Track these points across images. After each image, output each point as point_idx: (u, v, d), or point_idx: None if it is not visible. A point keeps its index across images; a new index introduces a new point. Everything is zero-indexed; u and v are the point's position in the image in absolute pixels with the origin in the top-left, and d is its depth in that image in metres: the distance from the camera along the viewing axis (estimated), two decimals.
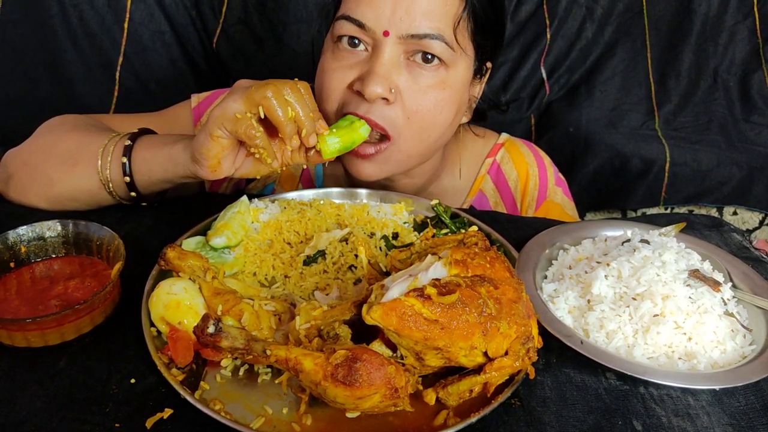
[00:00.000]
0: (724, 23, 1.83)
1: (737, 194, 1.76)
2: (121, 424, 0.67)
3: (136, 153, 0.98)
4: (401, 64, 1.01)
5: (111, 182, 1.00)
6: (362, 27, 0.99)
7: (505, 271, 0.74)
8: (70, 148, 1.04)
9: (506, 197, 1.33)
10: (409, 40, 0.98)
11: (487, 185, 1.33)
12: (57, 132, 1.10)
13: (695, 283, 0.85)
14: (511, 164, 1.33)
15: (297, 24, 1.82)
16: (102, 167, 0.99)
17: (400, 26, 0.97)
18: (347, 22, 1.00)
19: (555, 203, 1.34)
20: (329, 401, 0.65)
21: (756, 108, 1.82)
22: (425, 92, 1.02)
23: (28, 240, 0.87)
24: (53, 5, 1.68)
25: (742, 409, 0.74)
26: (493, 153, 1.34)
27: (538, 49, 1.86)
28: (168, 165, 0.95)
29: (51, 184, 1.03)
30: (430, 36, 0.98)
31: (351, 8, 0.99)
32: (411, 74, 1.01)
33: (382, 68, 0.98)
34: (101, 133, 1.05)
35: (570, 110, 1.85)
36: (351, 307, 0.74)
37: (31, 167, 1.05)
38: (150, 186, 1.00)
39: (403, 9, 0.96)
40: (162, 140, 0.99)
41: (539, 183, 1.33)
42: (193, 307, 0.77)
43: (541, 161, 1.36)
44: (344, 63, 1.03)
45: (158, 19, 1.77)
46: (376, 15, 0.97)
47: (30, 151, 1.08)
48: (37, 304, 0.80)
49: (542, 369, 0.78)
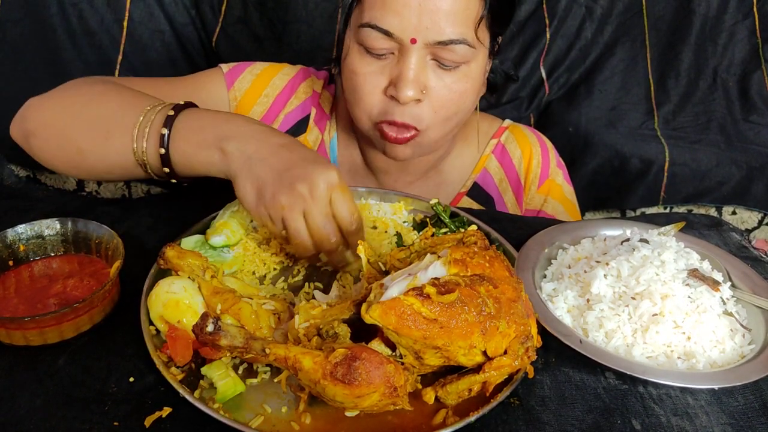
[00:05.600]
0: (723, 23, 1.82)
1: (736, 194, 1.76)
2: (119, 422, 0.67)
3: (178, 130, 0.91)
4: (428, 65, 1.04)
5: (147, 161, 0.93)
6: (389, 35, 1.00)
7: (504, 270, 0.74)
8: (102, 116, 0.97)
9: (511, 175, 1.36)
10: (435, 45, 1.01)
11: (492, 163, 1.36)
12: (86, 92, 1.03)
13: (694, 282, 0.85)
14: (515, 144, 1.37)
15: (297, 23, 1.81)
16: (138, 143, 0.92)
17: (427, 34, 0.99)
18: (374, 31, 1.01)
19: (557, 183, 1.37)
20: (328, 400, 0.65)
21: (755, 108, 1.81)
22: (450, 88, 1.06)
23: (26, 238, 0.87)
24: (52, 4, 1.67)
25: (741, 408, 0.74)
26: (497, 135, 1.38)
27: (537, 48, 1.86)
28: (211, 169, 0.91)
29: (82, 155, 0.98)
30: (454, 42, 1.00)
31: (377, 17, 1.00)
32: (437, 73, 1.05)
33: (412, 73, 1.01)
34: (138, 101, 0.98)
35: (569, 110, 1.85)
36: (350, 306, 0.74)
37: (57, 130, 1.00)
38: (188, 173, 0.95)
39: (428, 17, 0.98)
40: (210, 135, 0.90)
41: (542, 162, 1.37)
42: (192, 306, 0.77)
43: (544, 143, 1.40)
44: (373, 67, 1.05)
45: (158, 17, 1.77)
46: (402, 24, 0.98)
47: (55, 111, 1.01)
48: (35, 303, 0.80)
49: (541, 368, 0.78)
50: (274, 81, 1.30)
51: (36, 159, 1.04)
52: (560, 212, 1.36)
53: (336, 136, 1.31)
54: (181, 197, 1.15)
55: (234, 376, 0.72)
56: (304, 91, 1.31)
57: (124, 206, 1.08)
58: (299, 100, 1.30)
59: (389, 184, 1.31)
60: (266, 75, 1.30)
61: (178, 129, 0.91)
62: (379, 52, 1.03)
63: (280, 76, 1.31)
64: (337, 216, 0.86)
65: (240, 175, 0.87)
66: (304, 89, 1.31)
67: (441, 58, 1.02)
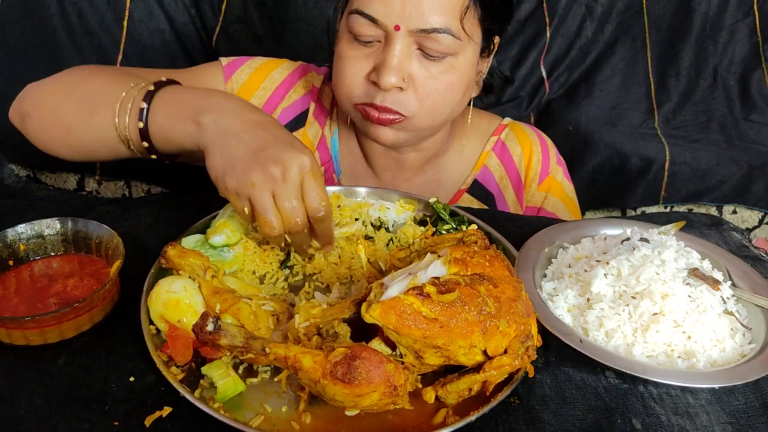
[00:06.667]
0: (723, 22, 1.82)
1: (737, 193, 1.76)
2: (120, 422, 0.67)
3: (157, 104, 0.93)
4: (412, 54, 1.05)
5: (129, 136, 0.95)
6: (374, 21, 1.02)
7: (504, 269, 0.74)
8: (90, 93, 1.00)
9: (511, 171, 1.37)
10: (418, 33, 1.02)
11: (492, 160, 1.36)
12: (79, 74, 1.06)
13: (695, 281, 0.85)
14: (516, 141, 1.38)
15: (296, 22, 1.81)
16: (120, 118, 0.95)
17: (410, 21, 1.01)
18: (360, 17, 1.03)
19: (557, 180, 1.38)
20: (328, 399, 0.65)
21: (756, 107, 1.81)
22: (436, 78, 1.06)
23: (27, 238, 0.87)
24: (52, 3, 1.67)
25: (741, 407, 0.74)
26: (497, 132, 1.38)
27: (537, 47, 1.86)
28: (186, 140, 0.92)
29: (70, 133, 1.00)
30: (438, 30, 1.01)
31: (364, 4, 1.03)
32: (421, 63, 1.06)
33: (395, 60, 1.03)
34: (123, 78, 1.00)
35: (569, 109, 1.85)
36: (350, 306, 0.74)
37: (48, 110, 1.02)
38: (166, 147, 0.96)
39: (412, 5, 1.00)
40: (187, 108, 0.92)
41: (542, 159, 1.37)
42: (192, 306, 0.77)
43: (544, 141, 1.40)
44: (360, 53, 1.07)
45: (158, 17, 1.77)
46: (387, 11, 1.01)
47: (48, 92, 1.04)
48: (35, 303, 0.80)
49: (541, 367, 0.78)
50: (272, 75, 1.30)
51: (31, 140, 1.06)
52: (560, 209, 1.36)
53: (337, 131, 1.31)
54: (181, 197, 1.15)
55: (234, 376, 0.72)
56: (303, 85, 1.31)
57: (124, 206, 1.08)
58: (298, 94, 1.31)
59: (388, 179, 1.32)
60: (265, 69, 1.30)
61: (157, 103, 0.94)
62: (366, 39, 1.05)
63: (279, 71, 1.31)
64: (306, 201, 0.85)
65: (212, 147, 0.87)
66: (304, 84, 1.31)
67: (426, 47, 1.04)
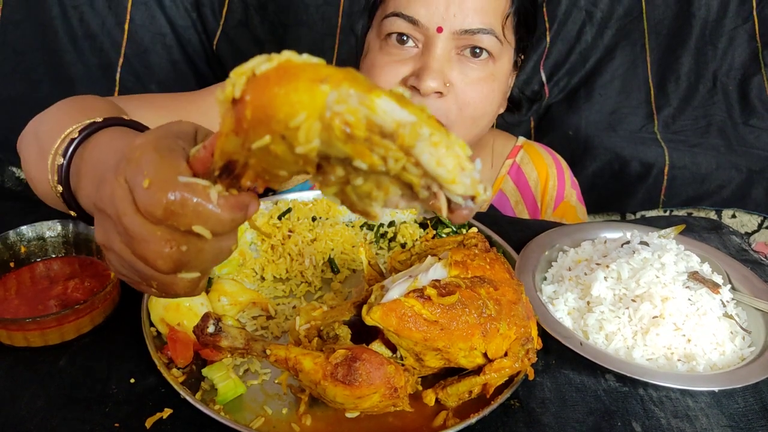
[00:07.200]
0: (723, 27, 1.83)
1: (736, 197, 1.76)
2: (120, 423, 0.67)
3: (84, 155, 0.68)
4: (452, 59, 1.03)
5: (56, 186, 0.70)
6: (415, 23, 1.00)
7: (504, 272, 0.74)
8: (47, 129, 0.77)
9: (527, 196, 1.35)
10: (462, 35, 1.00)
11: (507, 185, 1.35)
12: (57, 106, 0.86)
13: (694, 285, 0.85)
14: (531, 165, 1.37)
15: (298, 27, 1.82)
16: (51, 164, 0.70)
17: (454, 22, 0.99)
18: (399, 19, 1.01)
19: (571, 205, 1.37)
20: (329, 401, 0.65)
21: (755, 111, 1.82)
22: (476, 85, 1.05)
23: (28, 240, 0.87)
24: (54, 6, 1.68)
25: (740, 410, 0.74)
26: (512, 155, 1.37)
27: (537, 52, 1.86)
28: None
29: (26, 168, 0.81)
30: (482, 31, 1.00)
31: (403, 5, 1.01)
32: (462, 68, 1.04)
33: (436, 63, 1.00)
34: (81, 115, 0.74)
35: (569, 113, 1.85)
36: (351, 308, 0.74)
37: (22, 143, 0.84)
38: None
39: (456, 5, 0.98)
40: None
41: (557, 184, 1.36)
42: (192, 309, 0.77)
43: (559, 163, 1.39)
44: (395, 58, 1.04)
45: (159, 20, 1.77)
46: (429, 12, 0.99)
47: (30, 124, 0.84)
48: (36, 304, 0.80)
49: (542, 370, 0.78)
50: None
51: None
52: None
53: None
54: None
55: (235, 378, 0.72)
56: None
57: None
58: None
59: None
60: None
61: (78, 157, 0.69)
62: (401, 42, 1.02)
63: None
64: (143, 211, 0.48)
65: None
66: None
67: (465, 49, 1.01)
